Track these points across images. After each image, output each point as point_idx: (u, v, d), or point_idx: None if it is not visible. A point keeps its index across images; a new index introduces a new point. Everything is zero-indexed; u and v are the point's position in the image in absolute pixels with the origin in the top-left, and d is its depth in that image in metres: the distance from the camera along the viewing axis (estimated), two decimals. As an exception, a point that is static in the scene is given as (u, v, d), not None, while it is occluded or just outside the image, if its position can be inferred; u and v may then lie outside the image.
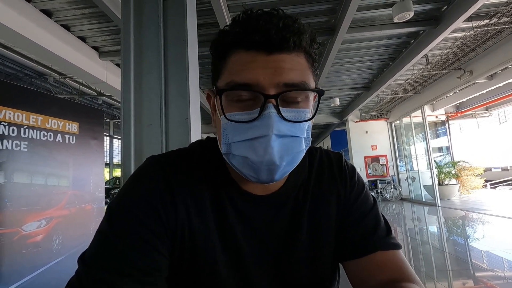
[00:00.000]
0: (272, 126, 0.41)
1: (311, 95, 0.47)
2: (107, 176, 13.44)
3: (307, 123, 0.46)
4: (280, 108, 0.42)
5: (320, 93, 0.46)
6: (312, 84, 0.46)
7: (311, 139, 0.47)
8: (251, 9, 0.45)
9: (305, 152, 0.47)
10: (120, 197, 0.47)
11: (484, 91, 7.22)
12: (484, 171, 9.53)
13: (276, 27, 0.42)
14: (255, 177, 0.44)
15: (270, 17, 0.43)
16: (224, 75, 0.45)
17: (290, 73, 0.43)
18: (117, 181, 12.22)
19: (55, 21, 4.04)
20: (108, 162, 14.08)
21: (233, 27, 0.45)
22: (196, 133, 1.62)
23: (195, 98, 1.68)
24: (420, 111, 8.15)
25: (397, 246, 0.53)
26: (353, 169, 0.60)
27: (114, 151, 14.41)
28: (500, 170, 13.23)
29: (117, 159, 14.57)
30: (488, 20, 4.32)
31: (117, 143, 14.42)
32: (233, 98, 0.44)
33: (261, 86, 0.42)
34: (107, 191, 9.16)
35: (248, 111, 0.43)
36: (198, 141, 0.58)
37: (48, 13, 3.87)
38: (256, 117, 0.42)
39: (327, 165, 0.58)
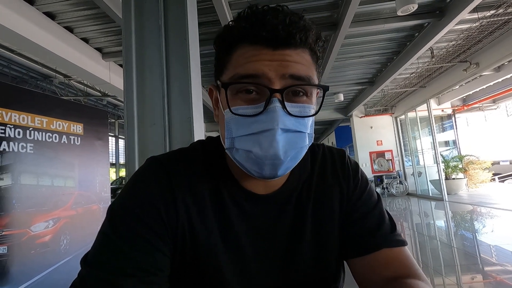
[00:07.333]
0: (278, 120, 0.41)
1: (315, 91, 0.47)
2: (113, 176, 13.56)
3: (311, 118, 0.46)
4: (285, 102, 0.42)
5: (325, 89, 0.46)
6: (316, 81, 0.46)
7: (313, 135, 0.48)
8: (256, 5, 0.45)
9: (308, 148, 0.47)
10: (121, 198, 0.47)
11: (491, 83, 7.09)
12: (492, 164, 9.41)
13: (282, 23, 0.42)
14: (259, 172, 0.44)
15: (277, 13, 0.43)
16: (228, 70, 0.45)
17: (296, 66, 0.43)
18: (123, 181, 12.32)
19: (58, 23, 4.07)
20: (114, 162, 14.21)
21: (238, 22, 0.45)
22: (199, 132, 1.62)
23: (198, 96, 1.67)
24: (425, 105, 8.04)
25: (402, 243, 0.52)
26: (356, 165, 0.59)
27: (120, 151, 14.53)
28: (508, 163, 13.03)
29: (123, 159, 14.68)
30: (494, 11, 4.24)
31: (122, 143, 14.54)
32: (238, 91, 0.44)
33: (266, 78, 0.42)
34: (113, 191, 9.24)
35: (253, 105, 0.43)
36: (199, 140, 0.57)
37: (51, 15, 3.89)
38: (261, 111, 0.42)
39: (330, 162, 0.57)
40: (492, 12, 4.25)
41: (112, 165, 13.90)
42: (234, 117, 0.44)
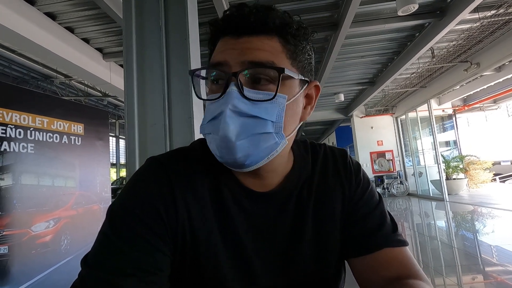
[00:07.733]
0: (229, 103, 0.42)
1: (289, 82, 0.45)
2: (114, 176, 13.57)
3: (277, 106, 0.44)
4: (245, 88, 0.43)
5: (279, 71, 0.43)
6: (290, 68, 0.45)
7: (282, 125, 0.45)
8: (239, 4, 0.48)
9: (277, 137, 0.44)
10: (121, 199, 0.47)
11: (492, 83, 7.09)
12: (493, 164, 9.40)
13: (242, 12, 0.45)
14: (220, 156, 0.45)
15: (242, 6, 0.45)
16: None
17: (256, 52, 0.43)
18: (124, 181, 12.32)
19: (59, 24, 4.08)
20: (114, 162, 14.22)
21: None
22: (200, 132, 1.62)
23: (198, 96, 1.68)
24: (426, 105, 8.04)
25: (403, 243, 0.52)
26: (358, 165, 0.59)
27: (120, 151, 14.54)
28: (509, 163, 13.01)
29: (123, 159, 14.68)
30: (495, 11, 4.23)
31: (123, 143, 14.54)
32: (211, 83, 0.47)
33: (228, 65, 0.44)
34: (114, 191, 9.22)
35: (218, 92, 0.45)
36: (199, 139, 0.57)
37: (52, 16, 3.90)
38: (220, 96, 0.44)
39: (331, 162, 0.57)
40: (492, 12, 4.25)
41: (112, 165, 13.91)
42: (207, 107, 0.46)
